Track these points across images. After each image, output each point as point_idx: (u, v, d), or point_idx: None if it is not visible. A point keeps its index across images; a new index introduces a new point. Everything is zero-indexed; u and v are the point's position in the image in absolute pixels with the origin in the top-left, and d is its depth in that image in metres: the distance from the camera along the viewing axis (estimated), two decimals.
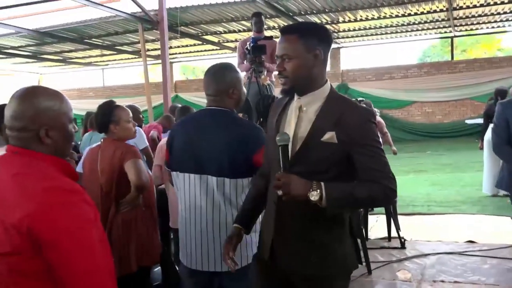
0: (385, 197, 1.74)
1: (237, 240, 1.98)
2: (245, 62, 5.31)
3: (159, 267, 3.52)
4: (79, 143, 5.64)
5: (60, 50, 14.95)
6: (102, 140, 2.83)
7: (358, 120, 1.73)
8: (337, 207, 1.71)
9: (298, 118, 1.79)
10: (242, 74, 2.83)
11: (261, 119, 4.15)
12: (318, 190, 1.63)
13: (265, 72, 5.18)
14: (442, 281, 3.93)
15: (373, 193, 1.71)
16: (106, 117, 2.75)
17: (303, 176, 1.67)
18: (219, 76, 2.25)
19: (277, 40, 5.52)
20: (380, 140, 1.84)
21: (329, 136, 1.71)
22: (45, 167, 1.46)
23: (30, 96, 1.48)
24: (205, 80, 2.28)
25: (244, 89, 2.39)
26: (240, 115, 3.58)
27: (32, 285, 1.37)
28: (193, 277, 2.28)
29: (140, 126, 4.79)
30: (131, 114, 2.84)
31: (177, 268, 3.23)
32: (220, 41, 14.45)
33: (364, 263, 4.19)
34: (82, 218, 1.38)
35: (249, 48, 5.01)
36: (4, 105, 3.24)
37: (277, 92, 4.98)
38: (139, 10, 9.86)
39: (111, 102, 2.85)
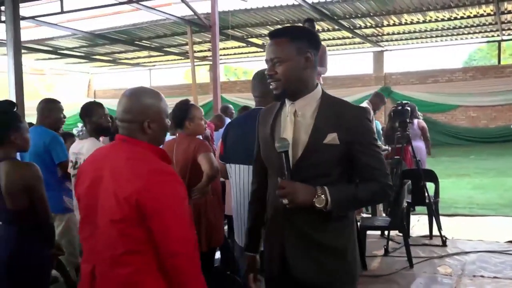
0: (385, 194, 1.78)
1: (256, 268, 2.01)
2: None
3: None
4: None
5: (111, 51, 15.73)
6: (177, 135, 3.26)
7: (356, 119, 1.75)
8: (342, 210, 1.74)
9: (295, 124, 1.78)
10: None
11: None
12: (323, 196, 1.66)
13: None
14: (482, 276, 4.16)
15: (374, 192, 1.76)
16: (182, 114, 3.17)
17: (308, 181, 1.69)
18: (265, 80, 2.62)
19: (324, 46, 5.85)
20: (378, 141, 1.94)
21: (331, 137, 1.71)
22: (148, 153, 1.86)
23: (138, 95, 1.86)
24: (253, 83, 2.64)
25: None
26: None
27: (135, 247, 1.76)
28: None
29: None
30: (203, 113, 3.27)
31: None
32: (264, 43, 14.84)
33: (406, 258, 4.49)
34: (177, 195, 1.76)
35: None
36: (89, 103, 3.76)
37: None
38: (189, 13, 10.40)
39: (187, 101, 3.28)
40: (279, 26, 10.52)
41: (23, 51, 15.09)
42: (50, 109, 3.75)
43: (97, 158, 1.96)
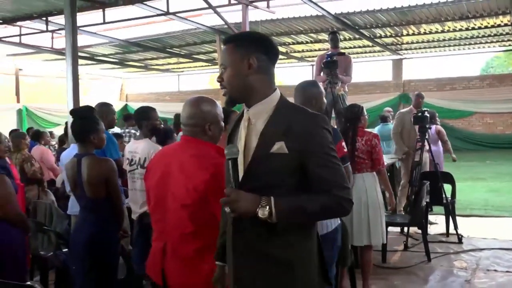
0: (340, 207, 1.60)
1: (223, 277, 1.92)
2: (321, 74, 5.98)
3: None
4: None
5: (143, 57, 16.22)
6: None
7: (308, 127, 1.59)
8: (289, 222, 1.59)
9: (248, 131, 1.67)
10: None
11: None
12: (267, 206, 1.52)
13: (339, 84, 5.81)
14: (495, 271, 4.39)
15: (326, 205, 1.58)
16: (224, 120, 3.49)
17: (256, 191, 1.55)
18: (306, 89, 2.93)
19: (349, 56, 6.14)
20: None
21: (278, 146, 1.58)
22: (210, 149, 2.21)
23: (199, 103, 2.23)
24: (295, 93, 2.91)
25: (325, 100, 3.05)
26: None
27: (201, 227, 2.10)
28: None
29: None
30: None
31: None
32: (288, 51, 15.15)
33: (424, 253, 4.74)
34: None
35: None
36: (145, 107, 4.11)
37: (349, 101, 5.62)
38: (218, 23, 10.80)
39: (228, 108, 3.60)
40: (302, 35, 10.89)
41: (63, 57, 15.75)
42: (106, 111, 4.08)
43: (164, 156, 2.33)
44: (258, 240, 1.62)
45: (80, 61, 15.85)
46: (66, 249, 3.73)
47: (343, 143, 2.85)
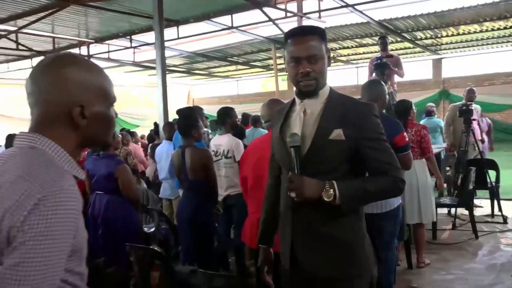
0: (396, 188, 1.58)
1: (269, 260, 1.86)
2: (373, 75, 6.04)
3: None
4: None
5: (207, 66, 16.73)
6: None
7: (362, 115, 1.57)
8: (351, 204, 1.55)
9: (303, 121, 1.61)
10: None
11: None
12: (331, 190, 1.48)
13: (389, 83, 5.84)
14: None
15: (384, 186, 1.56)
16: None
17: (314, 176, 1.52)
18: (372, 88, 3.05)
19: (397, 56, 6.11)
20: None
21: (337, 133, 1.54)
22: None
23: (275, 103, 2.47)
24: (362, 91, 3.03)
25: (387, 96, 3.16)
26: None
27: None
28: None
29: None
30: None
31: None
32: (335, 56, 15.11)
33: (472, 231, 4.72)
34: None
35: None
36: (227, 108, 4.37)
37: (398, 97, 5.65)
38: (273, 33, 11.03)
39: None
40: (348, 41, 10.82)
41: (139, 69, 16.44)
42: (199, 114, 4.41)
43: (257, 145, 2.57)
44: (318, 223, 1.58)
45: (153, 71, 16.80)
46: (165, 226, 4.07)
47: (405, 133, 2.95)
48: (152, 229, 4.15)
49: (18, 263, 0.80)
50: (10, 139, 5.99)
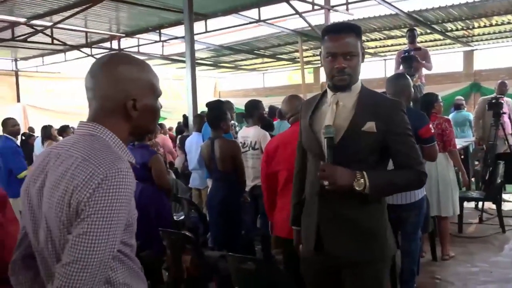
0: (419, 180, 1.69)
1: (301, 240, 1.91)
2: (400, 68, 6.02)
3: None
4: None
5: (234, 59, 16.86)
6: None
7: (392, 110, 1.67)
8: (379, 194, 1.65)
9: (336, 113, 1.69)
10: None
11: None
12: (362, 180, 1.57)
13: (416, 75, 5.81)
14: None
15: (408, 179, 1.67)
16: None
17: (344, 165, 1.60)
18: (397, 81, 3.09)
19: (425, 49, 6.08)
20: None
21: (370, 125, 1.62)
22: None
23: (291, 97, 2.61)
24: (387, 84, 3.08)
25: (412, 90, 3.19)
26: None
27: None
28: None
29: None
30: None
31: None
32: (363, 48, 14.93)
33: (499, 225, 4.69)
34: None
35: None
36: (255, 100, 4.50)
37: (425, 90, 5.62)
38: (300, 26, 11.03)
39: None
40: (376, 33, 10.72)
41: (168, 62, 16.72)
42: (228, 108, 4.55)
43: (286, 137, 2.68)
44: (345, 209, 1.67)
45: (182, 65, 17.06)
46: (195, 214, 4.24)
47: (431, 125, 2.98)
48: (182, 217, 4.34)
49: (85, 232, 0.96)
50: (45, 130, 6.30)
